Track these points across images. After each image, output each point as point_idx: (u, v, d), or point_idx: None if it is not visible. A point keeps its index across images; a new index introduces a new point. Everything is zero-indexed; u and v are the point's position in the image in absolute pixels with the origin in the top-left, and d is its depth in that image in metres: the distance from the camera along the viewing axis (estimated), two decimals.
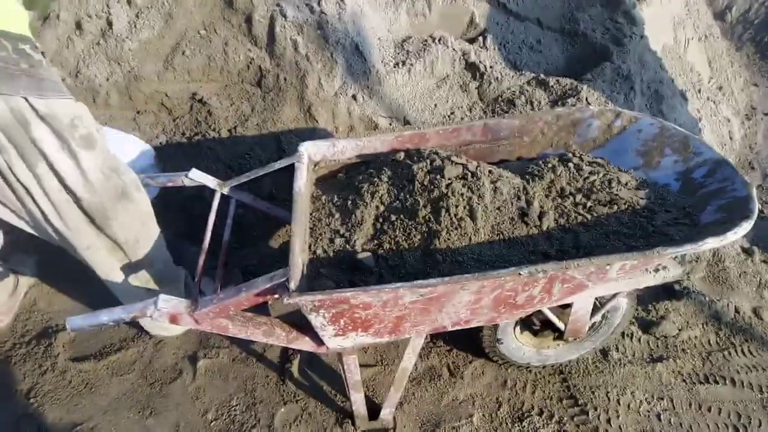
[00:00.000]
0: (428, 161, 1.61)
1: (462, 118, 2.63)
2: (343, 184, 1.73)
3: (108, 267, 1.65)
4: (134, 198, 1.57)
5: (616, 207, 1.53)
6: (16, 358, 1.93)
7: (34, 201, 1.40)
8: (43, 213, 1.44)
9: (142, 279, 1.73)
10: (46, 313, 2.09)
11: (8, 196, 1.40)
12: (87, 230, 1.52)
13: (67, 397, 1.83)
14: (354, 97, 2.48)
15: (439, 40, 2.69)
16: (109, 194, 1.48)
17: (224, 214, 1.81)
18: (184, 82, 2.48)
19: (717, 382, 1.96)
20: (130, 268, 1.68)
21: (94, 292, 2.05)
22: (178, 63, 2.44)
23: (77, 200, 1.44)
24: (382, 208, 1.56)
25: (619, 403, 1.88)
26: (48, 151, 1.32)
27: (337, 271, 1.43)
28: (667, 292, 2.30)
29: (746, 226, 1.33)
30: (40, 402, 1.81)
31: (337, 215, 1.59)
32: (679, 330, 2.14)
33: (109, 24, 2.39)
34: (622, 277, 1.43)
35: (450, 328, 1.48)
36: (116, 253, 1.62)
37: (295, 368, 1.93)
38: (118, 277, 1.66)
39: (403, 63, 2.61)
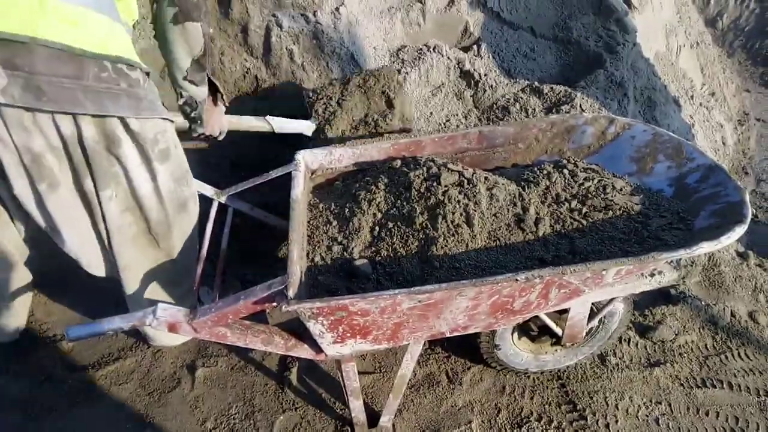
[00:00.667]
0: (425, 168, 1.63)
1: (457, 126, 2.65)
2: (340, 191, 1.75)
3: (142, 285, 1.66)
4: (191, 209, 1.62)
5: (611, 213, 1.55)
6: (14, 369, 1.92)
7: (94, 222, 1.45)
8: (98, 235, 1.49)
9: (176, 294, 1.74)
10: (44, 323, 2.08)
11: (76, 216, 1.44)
12: (129, 251, 1.55)
13: (65, 407, 1.82)
14: None
15: (434, 49, 2.72)
16: (174, 205, 1.54)
17: (222, 222, 1.82)
18: None
19: (714, 386, 1.97)
20: (170, 280, 1.69)
21: (92, 303, 2.06)
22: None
23: (142, 215, 1.49)
24: (379, 215, 1.57)
25: (618, 408, 1.88)
26: (130, 166, 1.38)
27: (335, 278, 1.44)
28: (664, 296, 2.32)
29: (739, 231, 1.35)
30: (38, 412, 1.80)
31: (334, 223, 1.60)
32: (676, 334, 2.15)
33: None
34: (617, 282, 1.45)
35: (448, 335, 1.49)
36: (162, 264, 1.64)
37: (293, 376, 1.93)
38: (154, 292, 1.68)
39: (399, 71, 2.63)
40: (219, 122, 1.72)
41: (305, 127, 2.10)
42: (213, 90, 1.65)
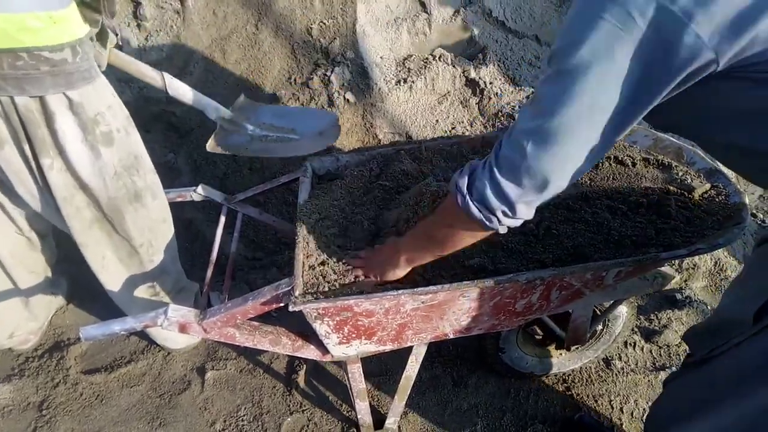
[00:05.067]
0: (429, 173, 1.67)
1: (463, 134, 2.68)
2: (344, 194, 1.77)
3: (116, 275, 1.70)
4: (147, 203, 1.64)
5: (613, 215, 1.57)
6: (29, 372, 1.97)
7: (39, 187, 1.48)
8: (46, 200, 1.52)
9: (155, 290, 1.77)
10: (58, 327, 2.14)
11: (23, 177, 1.48)
12: (85, 232, 1.58)
13: (78, 408, 1.87)
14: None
15: (440, 58, 2.76)
16: (121, 194, 1.55)
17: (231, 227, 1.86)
18: None
19: None
20: (143, 277, 1.72)
21: (105, 307, 2.10)
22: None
23: (91, 195, 1.51)
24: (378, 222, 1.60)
25: (623, 412, 1.90)
26: (69, 140, 1.39)
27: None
28: (669, 301, 2.32)
29: (738, 233, 1.36)
30: (52, 414, 1.84)
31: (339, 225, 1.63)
32: (682, 339, 2.15)
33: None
34: (618, 283, 1.47)
35: (451, 336, 1.51)
36: (132, 259, 1.68)
37: (301, 378, 1.96)
38: (128, 286, 1.71)
39: (405, 80, 2.68)
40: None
41: (211, 109, 1.87)
42: None
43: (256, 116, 2.01)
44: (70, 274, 2.23)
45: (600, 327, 1.85)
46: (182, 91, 1.83)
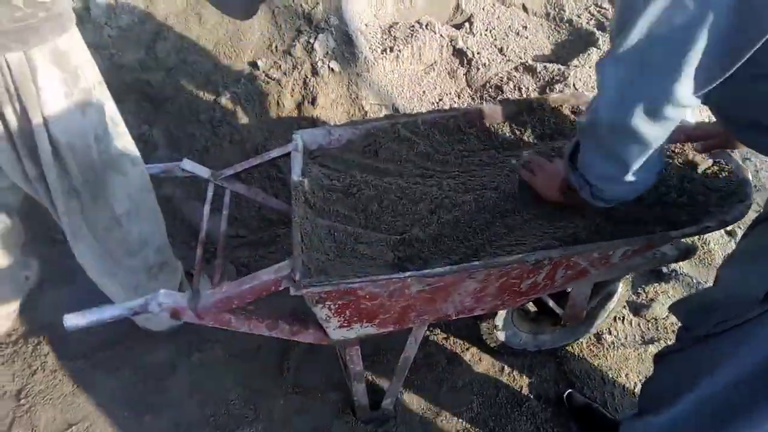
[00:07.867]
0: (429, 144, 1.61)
1: (450, 105, 2.61)
2: (340, 170, 1.70)
3: (93, 247, 1.60)
4: (127, 170, 1.55)
5: None
6: (4, 359, 1.86)
7: (25, 158, 1.39)
8: (29, 170, 1.42)
9: (134, 262, 1.68)
10: (33, 310, 2.02)
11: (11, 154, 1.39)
12: (65, 199, 1.48)
13: (59, 396, 1.78)
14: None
15: (426, 26, 2.67)
16: (103, 158, 1.47)
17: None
18: (167, 70, 2.41)
19: None
20: (121, 250, 1.64)
21: (82, 288, 1.99)
22: (161, 50, 2.37)
23: (75, 159, 1.42)
24: (382, 197, 1.53)
25: (614, 386, 1.91)
26: (52, 96, 1.31)
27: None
28: (656, 275, 2.34)
29: (745, 210, 1.35)
30: (32, 403, 1.75)
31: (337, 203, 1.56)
32: (670, 311, 2.17)
33: (87, 10, 2.30)
34: (624, 261, 1.45)
35: (454, 317, 1.48)
36: (112, 232, 1.59)
37: (293, 360, 1.91)
38: (105, 259, 1.62)
39: (391, 49, 2.58)
40: None
41: None
42: None
43: None
44: (42, 254, 2.11)
45: (595, 303, 1.85)
46: None
